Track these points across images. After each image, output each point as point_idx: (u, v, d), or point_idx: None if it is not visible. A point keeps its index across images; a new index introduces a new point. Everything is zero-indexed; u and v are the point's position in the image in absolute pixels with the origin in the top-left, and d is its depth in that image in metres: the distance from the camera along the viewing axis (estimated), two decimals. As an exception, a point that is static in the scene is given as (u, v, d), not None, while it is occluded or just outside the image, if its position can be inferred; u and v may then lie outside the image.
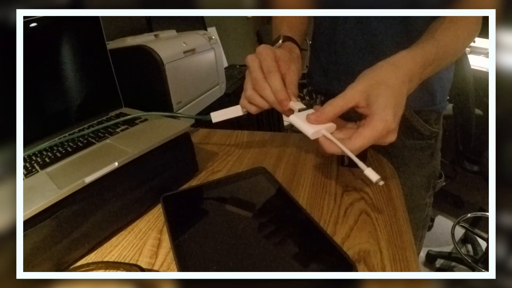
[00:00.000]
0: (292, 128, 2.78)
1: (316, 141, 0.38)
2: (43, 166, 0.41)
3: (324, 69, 0.67)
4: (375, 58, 0.40)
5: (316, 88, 0.72)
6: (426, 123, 0.61)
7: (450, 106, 1.29)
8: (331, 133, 0.38)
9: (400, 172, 0.53)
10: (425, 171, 0.65)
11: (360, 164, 0.35)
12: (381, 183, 0.34)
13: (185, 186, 0.49)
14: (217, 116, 0.51)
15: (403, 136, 0.62)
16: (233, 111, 0.50)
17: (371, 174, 0.35)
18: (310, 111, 0.40)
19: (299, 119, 0.39)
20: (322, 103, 0.72)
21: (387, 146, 0.61)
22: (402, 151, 0.63)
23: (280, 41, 0.53)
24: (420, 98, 0.58)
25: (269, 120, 1.95)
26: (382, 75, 0.38)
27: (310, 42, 0.72)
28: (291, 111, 0.42)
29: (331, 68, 0.65)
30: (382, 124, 0.35)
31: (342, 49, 0.61)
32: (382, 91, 0.37)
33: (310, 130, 0.37)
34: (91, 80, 0.57)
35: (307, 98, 0.80)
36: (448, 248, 1.58)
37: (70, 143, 0.47)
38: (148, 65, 0.72)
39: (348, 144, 0.36)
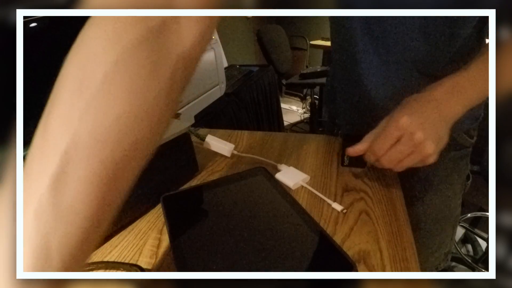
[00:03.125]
0: (292, 128, 2.78)
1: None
2: (43, 166, 0.41)
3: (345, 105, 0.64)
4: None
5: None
6: (467, 135, 0.62)
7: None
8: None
9: (442, 183, 0.56)
10: (463, 178, 0.66)
11: (327, 200, 0.45)
12: (344, 211, 0.42)
13: (185, 186, 0.49)
14: (211, 143, 0.56)
15: (444, 150, 0.62)
16: (224, 149, 0.56)
17: (337, 206, 0.43)
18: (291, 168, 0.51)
19: (283, 176, 0.49)
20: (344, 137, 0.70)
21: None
22: (445, 164, 0.63)
23: None
24: (468, 120, 0.59)
25: (269, 120, 1.96)
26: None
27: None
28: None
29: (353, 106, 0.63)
30: (393, 124, 0.39)
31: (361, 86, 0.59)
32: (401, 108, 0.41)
33: (290, 183, 0.48)
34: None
35: (308, 98, 0.80)
36: (448, 248, 1.58)
37: (70, 143, 0.47)
38: (148, 65, 0.72)
39: (371, 145, 0.43)
